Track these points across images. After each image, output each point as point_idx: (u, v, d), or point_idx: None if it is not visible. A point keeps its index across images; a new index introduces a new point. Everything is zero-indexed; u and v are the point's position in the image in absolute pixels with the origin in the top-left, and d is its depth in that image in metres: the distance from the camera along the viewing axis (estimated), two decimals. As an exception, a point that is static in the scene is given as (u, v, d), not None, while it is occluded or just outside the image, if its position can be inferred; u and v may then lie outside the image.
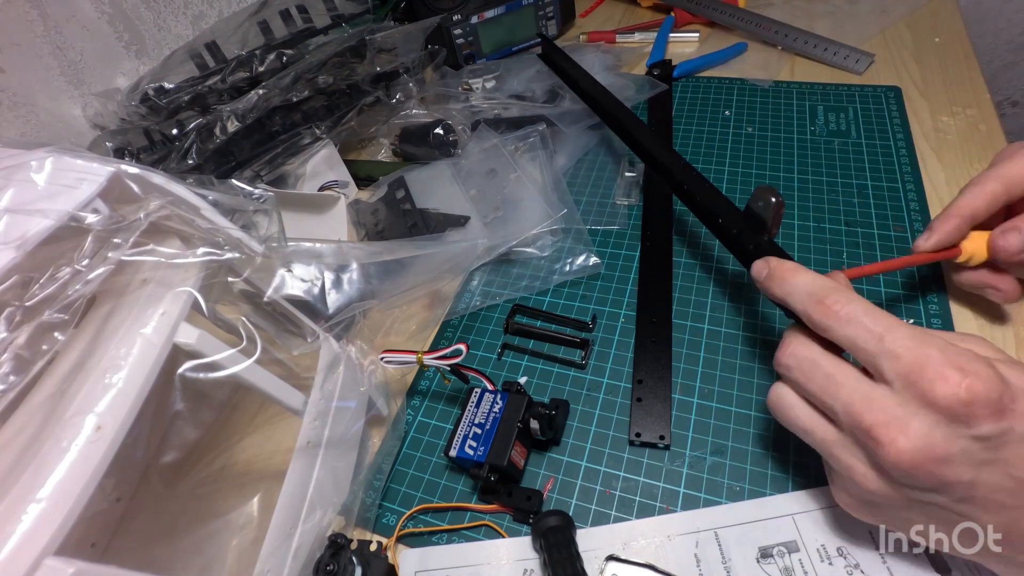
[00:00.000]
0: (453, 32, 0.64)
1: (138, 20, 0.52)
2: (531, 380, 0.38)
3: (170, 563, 0.32)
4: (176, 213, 0.24)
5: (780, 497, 0.30)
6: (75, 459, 0.19)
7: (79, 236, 0.21)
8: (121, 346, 0.22)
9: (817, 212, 0.44)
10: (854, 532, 0.28)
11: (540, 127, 0.53)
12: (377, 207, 0.50)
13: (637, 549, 0.30)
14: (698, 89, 0.59)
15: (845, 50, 0.57)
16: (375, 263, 0.40)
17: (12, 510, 0.17)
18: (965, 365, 0.20)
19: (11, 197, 0.21)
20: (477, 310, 0.43)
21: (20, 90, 0.44)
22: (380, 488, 0.34)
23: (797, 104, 0.54)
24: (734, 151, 0.51)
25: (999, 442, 0.20)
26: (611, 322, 0.40)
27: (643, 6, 0.75)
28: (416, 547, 0.32)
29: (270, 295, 0.28)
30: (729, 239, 0.36)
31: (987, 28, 0.84)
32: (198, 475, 0.36)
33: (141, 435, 0.29)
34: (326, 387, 0.31)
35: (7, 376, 0.20)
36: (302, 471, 0.28)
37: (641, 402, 0.35)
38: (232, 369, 0.24)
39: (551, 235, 0.45)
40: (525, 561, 0.30)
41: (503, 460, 0.31)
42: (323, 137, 0.52)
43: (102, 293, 0.24)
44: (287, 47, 0.53)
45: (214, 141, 0.46)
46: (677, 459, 0.33)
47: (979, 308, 0.36)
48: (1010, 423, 0.20)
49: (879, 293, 0.38)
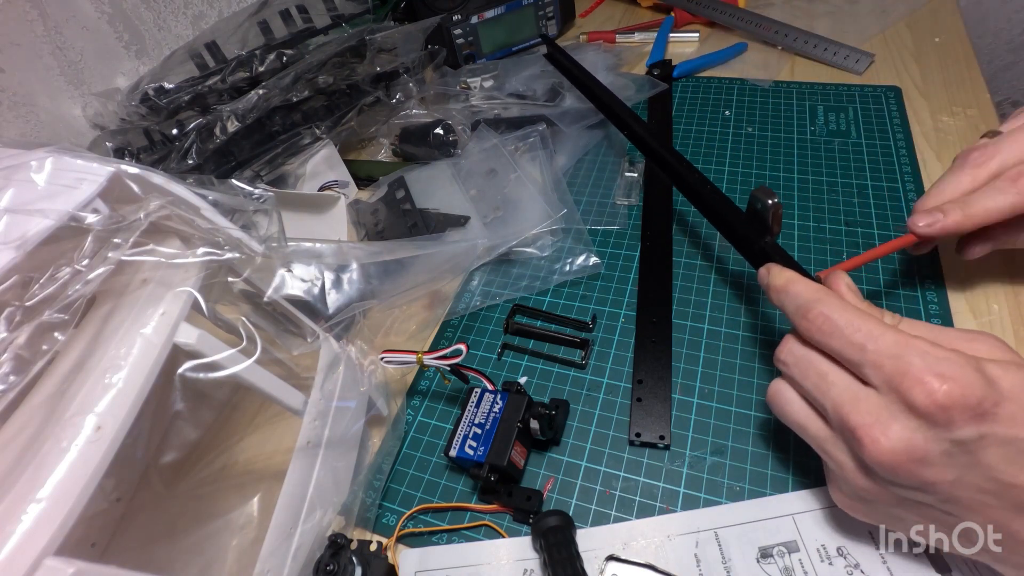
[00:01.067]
0: (453, 32, 0.64)
1: (138, 20, 0.52)
2: (531, 380, 0.38)
3: (170, 563, 0.32)
4: (176, 213, 0.24)
5: (780, 497, 0.30)
6: (75, 459, 0.19)
7: (79, 236, 0.21)
8: (121, 346, 0.22)
9: (817, 212, 0.44)
10: (854, 532, 0.28)
11: (540, 127, 0.53)
12: (377, 207, 0.50)
13: (637, 549, 0.30)
14: (698, 89, 0.59)
15: (845, 50, 0.57)
16: (375, 263, 0.40)
17: (12, 510, 0.17)
18: (945, 371, 0.21)
19: (11, 197, 0.21)
20: (477, 310, 0.43)
21: (20, 90, 0.44)
22: (380, 488, 0.34)
23: (797, 104, 0.54)
24: (734, 151, 0.51)
25: (978, 445, 0.21)
26: (611, 322, 0.40)
27: (643, 6, 0.75)
28: (416, 547, 0.32)
29: (270, 295, 0.28)
30: (737, 240, 0.36)
31: (987, 28, 0.84)
32: (198, 475, 0.36)
33: (141, 435, 0.29)
34: (326, 387, 0.31)
35: (7, 376, 0.20)
36: (302, 471, 0.28)
37: (641, 402, 0.35)
38: (232, 369, 0.24)
39: (551, 235, 0.45)
40: (525, 561, 0.30)
41: (503, 460, 0.31)
42: (323, 137, 0.52)
43: (102, 293, 0.24)
44: (287, 47, 0.53)
45: (214, 141, 0.46)
46: (677, 459, 0.33)
47: (980, 309, 0.36)
48: (990, 427, 0.20)
49: (879, 292, 0.38)
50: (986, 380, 0.21)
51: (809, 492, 0.30)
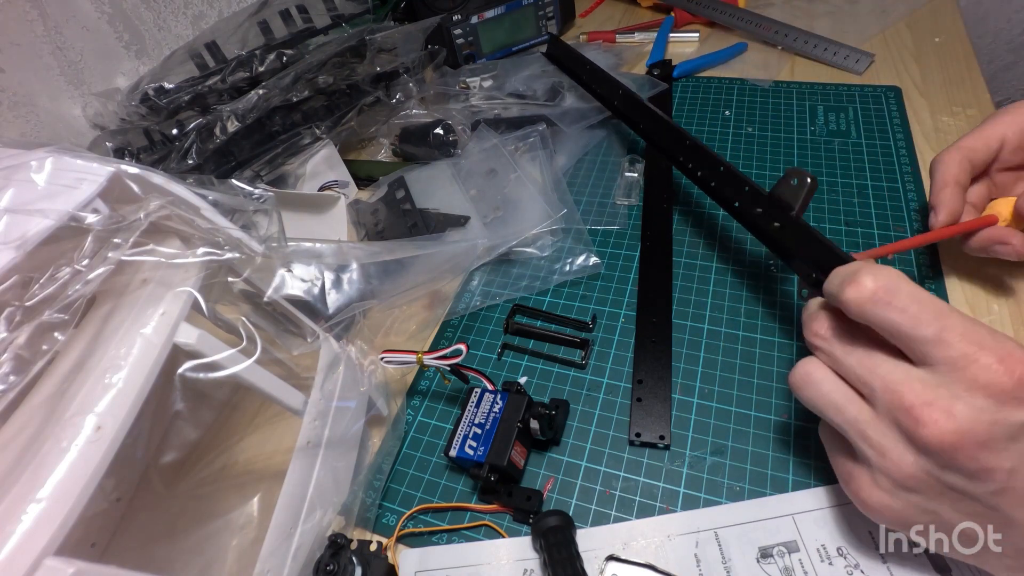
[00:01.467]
0: (453, 32, 0.64)
1: (138, 20, 0.52)
2: (531, 380, 0.38)
3: (170, 563, 0.32)
4: (176, 213, 0.24)
5: (780, 497, 0.30)
6: (75, 459, 0.19)
7: (79, 236, 0.21)
8: (121, 346, 0.22)
9: (817, 212, 0.44)
10: (854, 532, 0.28)
11: (540, 127, 0.53)
12: (377, 207, 0.50)
13: (637, 549, 0.30)
14: (698, 89, 0.59)
15: (845, 50, 0.57)
16: (375, 263, 0.40)
17: (12, 510, 0.17)
18: (1014, 351, 0.20)
19: (11, 197, 0.21)
20: (477, 310, 0.43)
21: (20, 90, 0.44)
22: (380, 488, 0.34)
23: (797, 104, 0.54)
24: (734, 151, 0.51)
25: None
26: (611, 322, 0.40)
27: (643, 6, 0.75)
28: (416, 547, 0.32)
29: (270, 295, 0.28)
30: (750, 218, 0.36)
31: (987, 28, 0.84)
32: (198, 475, 0.36)
33: (141, 435, 0.29)
34: (326, 387, 0.31)
35: (7, 376, 0.20)
36: (302, 471, 0.28)
37: (641, 402, 0.35)
38: (232, 369, 0.24)
39: (551, 235, 0.45)
40: (525, 561, 0.30)
41: (503, 460, 0.31)
42: (323, 137, 0.52)
43: (102, 293, 0.24)
44: (287, 47, 0.53)
45: (214, 141, 0.46)
46: (677, 459, 0.33)
47: (980, 309, 0.36)
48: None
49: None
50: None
51: (809, 492, 0.30)
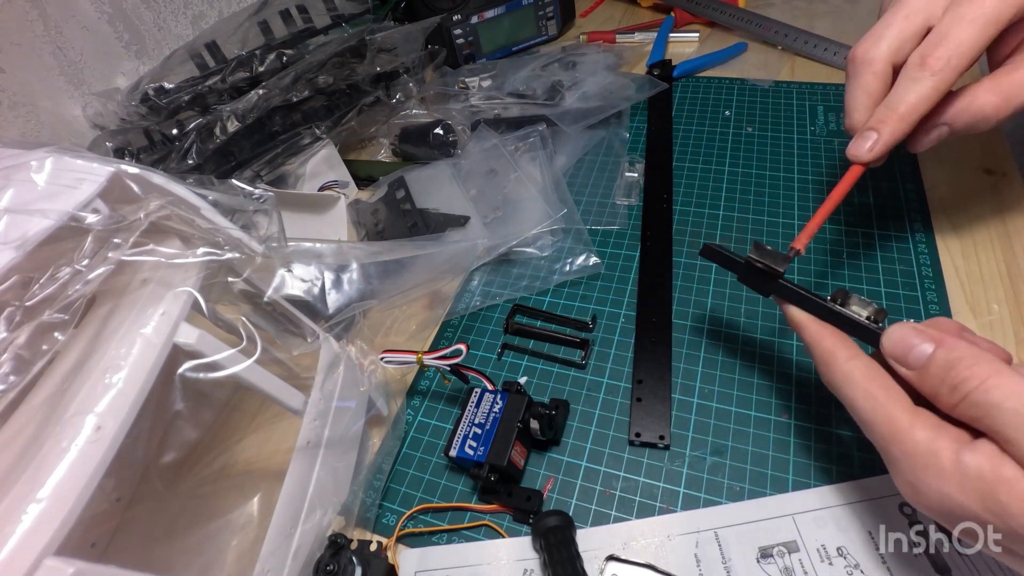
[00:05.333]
0: (453, 32, 0.64)
1: (138, 20, 0.52)
2: (531, 380, 0.38)
3: (170, 563, 0.32)
4: (176, 213, 0.24)
5: (780, 497, 0.30)
6: (75, 459, 0.19)
7: (79, 236, 0.21)
8: (121, 346, 0.22)
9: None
10: (854, 532, 0.28)
11: (540, 127, 0.53)
12: (377, 207, 0.50)
13: (637, 549, 0.30)
14: (698, 89, 0.59)
15: (845, 50, 0.57)
16: (375, 263, 0.40)
17: (12, 510, 0.17)
18: None
19: (11, 197, 0.21)
20: (477, 310, 0.43)
21: (20, 90, 0.44)
22: (380, 488, 0.34)
23: (797, 104, 0.54)
24: (734, 151, 0.51)
25: None
26: (611, 322, 0.40)
27: (643, 6, 0.75)
28: (416, 547, 0.32)
29: (270, 295, 0.28)
30: None
31: (987, 28, 0.84)
32: (198, 475, 0.36)
33: (141, 435, 0.29)
34: (326, 387, 0.31)
35: (7, 376, 0.20)
36: (302, 471, 0.28)
37: (641, 402, 0.35)
38: (232, 369, 0.24)
39: (551, 235, 0.45)
40: (525, 561, 0.30)
41: (503, 460, 0.31)
42: (323, 137, 0.52)
43: (102, 293, 0.24)
44: (287, 47, 0.53)
45: (214, 141, 0.46)
46: (677, 459, 0.33)
47: (980, 309, 0.36)
48: None
49: (879, 293, 0.38)
50: None
51: (809, 492, 0.30)
